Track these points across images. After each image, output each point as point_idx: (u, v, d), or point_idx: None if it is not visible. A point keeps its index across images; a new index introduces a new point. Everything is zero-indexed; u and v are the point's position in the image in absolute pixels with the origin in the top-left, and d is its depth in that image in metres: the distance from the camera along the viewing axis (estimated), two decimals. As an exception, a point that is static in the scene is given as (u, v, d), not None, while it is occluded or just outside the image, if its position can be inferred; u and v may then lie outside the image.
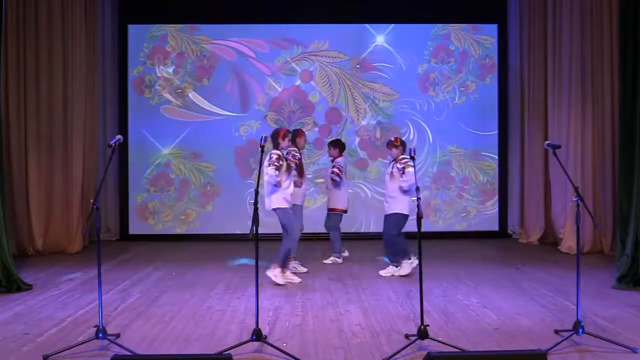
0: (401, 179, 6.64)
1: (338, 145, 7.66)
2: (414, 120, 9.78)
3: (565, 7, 8.28)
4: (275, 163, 6.29)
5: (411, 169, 6.50)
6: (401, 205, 6.76)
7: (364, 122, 9.76)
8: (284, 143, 6.53)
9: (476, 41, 9.80)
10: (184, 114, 9.67)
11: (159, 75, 9.64)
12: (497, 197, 9.81)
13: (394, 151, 6.87)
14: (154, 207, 9.65)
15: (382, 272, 6.86)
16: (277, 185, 6.33)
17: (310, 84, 9.74)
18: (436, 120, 9.78)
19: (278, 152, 6.43)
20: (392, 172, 6.81)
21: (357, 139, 9.76)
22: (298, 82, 9.71)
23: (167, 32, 9.66)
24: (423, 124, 9.76)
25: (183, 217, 9.67)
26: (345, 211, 7.66)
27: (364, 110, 9.76)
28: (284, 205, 6.41)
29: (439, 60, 9.77)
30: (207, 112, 9.68)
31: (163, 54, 9.66)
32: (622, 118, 6.48)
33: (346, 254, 7.73)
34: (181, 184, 9.67)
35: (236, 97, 9.70)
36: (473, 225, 9.79)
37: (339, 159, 7.58)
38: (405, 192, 6.69)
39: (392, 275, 6.78)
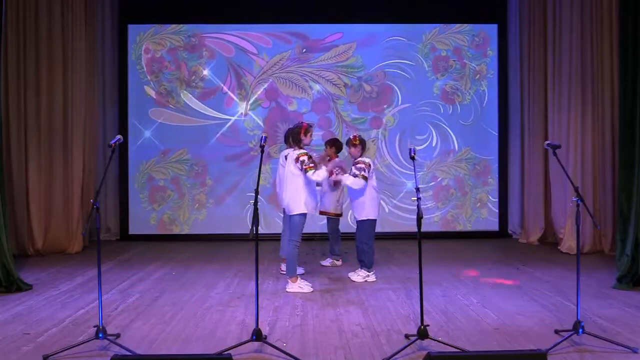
0: (348, 181, 6.36)
1: (335, 144, 7.26)
2: (437, 125, 9.78)
3: (565, 7, 8.28)
4: (310, 165, 5.95)
5: (362, 182, 6.28)
6: (368, 210, 6.47)
7: (348, 89, 9.72)
8: (307, 139, 6.17)
9: (457, 32, 9.76)
10: (180, 119, 9.68)
11: (157, 81, 9.63)
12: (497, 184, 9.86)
13: (353, 151, 6.54)
14: (170, 217, 9.64)
15: (352, 276, 6.66)
16: (319, 184, 6.00)
17: (279, 99, 9.69)
18: (462, 124, 9.79)
19: (304, 151, 6.07)
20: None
21: (355, 106, 9.72)
22: (269, 105, 9.67)
23: (147, 43, 9.61)
24: (447, 128, 9.77)
25: (197, 204, 9.66)
26: (340, 214, 7.37)
27: (339, 79, 9.71)
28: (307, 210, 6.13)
29: (443, 71, 9.74)
30: (203, 116, 9.69)
31: (159, 61, 9.64)
32: (622, 118, 6.48)
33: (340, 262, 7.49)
34: (174, 185, 9.65)
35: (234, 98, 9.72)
36: (473, 225, 9.79)
37: (337, 160, 7.28)
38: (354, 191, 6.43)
39: (365, 280, 6.53)
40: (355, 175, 6.37)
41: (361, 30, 9.74)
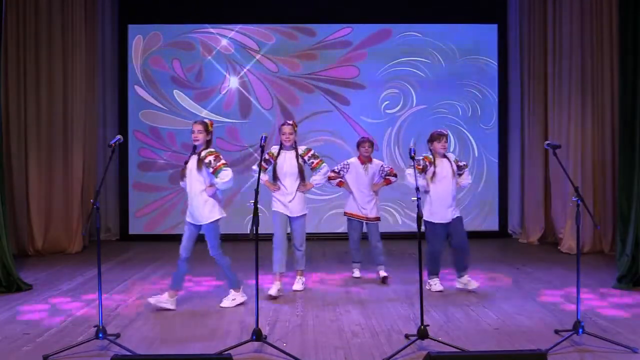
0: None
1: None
2: (455, 128, 9.71)
3: (565, 7, 8.28)
4: (219, 164, 5.26)
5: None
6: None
7: (297, 82, 9.66)
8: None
9: (456, 32, 9.74)
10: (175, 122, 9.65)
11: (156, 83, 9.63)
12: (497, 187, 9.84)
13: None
14: (169, 218, 9.60)
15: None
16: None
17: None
18: (483, 128, 9.78)
19: (211, 149, 5.37)
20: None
21: (319, 80, 9.65)
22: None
23: (146, 43, 9.60)
24: (466, 131, 9.76)
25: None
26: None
27: (285, 81, 9.64)
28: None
29: (458, 77, 9.71)
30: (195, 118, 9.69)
31: (157, 61, 9.63)
32: (622, 118, 6.48)
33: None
34: (174, 185, 9.54)
35: (234, 99, 9.70)
36: (473, 226, 9.78)
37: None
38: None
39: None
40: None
41: (363, 29, 9.72)
